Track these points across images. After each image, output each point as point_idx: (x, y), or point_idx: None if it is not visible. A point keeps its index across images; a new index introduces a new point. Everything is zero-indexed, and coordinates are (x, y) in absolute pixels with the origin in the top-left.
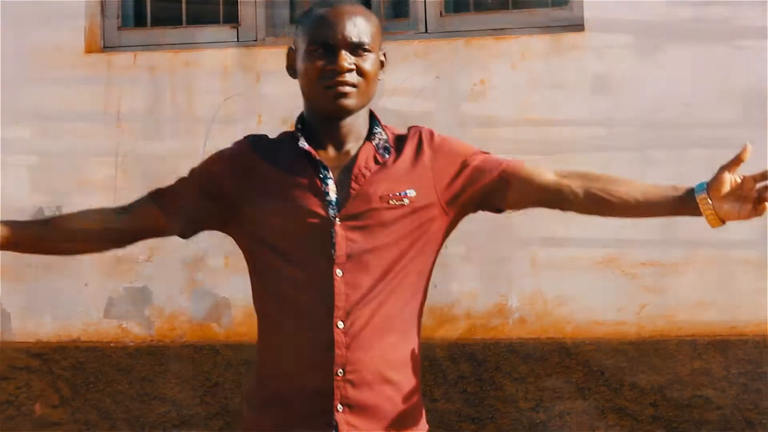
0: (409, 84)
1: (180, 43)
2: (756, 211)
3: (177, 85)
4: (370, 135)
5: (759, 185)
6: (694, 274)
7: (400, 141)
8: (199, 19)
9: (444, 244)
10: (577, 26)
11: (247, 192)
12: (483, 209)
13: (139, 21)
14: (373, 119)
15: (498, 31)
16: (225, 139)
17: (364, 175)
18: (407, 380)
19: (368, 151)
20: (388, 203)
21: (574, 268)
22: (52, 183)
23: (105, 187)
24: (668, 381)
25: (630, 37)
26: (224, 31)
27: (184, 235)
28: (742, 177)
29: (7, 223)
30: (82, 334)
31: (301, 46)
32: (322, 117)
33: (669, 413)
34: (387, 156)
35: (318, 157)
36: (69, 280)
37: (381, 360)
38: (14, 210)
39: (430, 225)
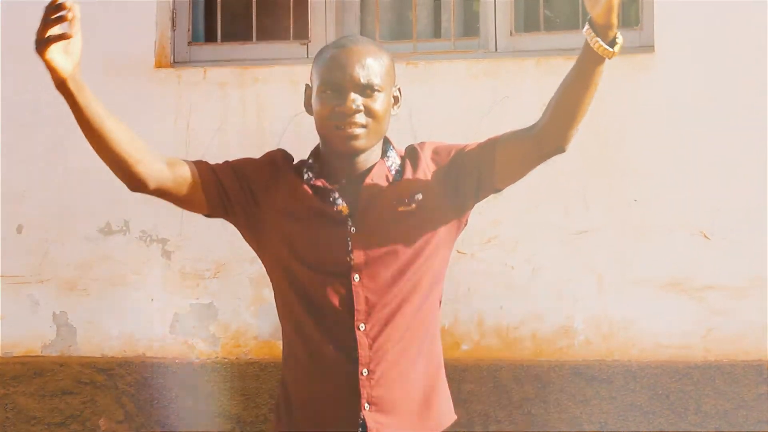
0: (477, 103)
1: (250, 59)
2: None
3: (246, 101)
4: (383, 155)
5: None
6: (761, 298)
7: (403, 159)
8: (269, 35)
9: (510, 265)
10: (648, 47)
11: (274, 196)
12: (484, 193)
13: (209, 36)
14: (387, 144)
15: (568, 51)
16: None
17: (375, 186)
18: (429, 375)
19: (381, 169)
20: (398, 210)
21: (640, 290)
22: (121, 195)
23: None
24: (734, 406)
25: (701, 59)
26: (294, 48)
27: (210, 214)
28: None
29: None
30: (147, 349)
31: (315, 86)
32: (337, 154)
33: None
34: (397, 177)
35: (328, 186)
36: (135, 295)
37: (403, 357)
38: (82, 221)
39: (439, 225)
